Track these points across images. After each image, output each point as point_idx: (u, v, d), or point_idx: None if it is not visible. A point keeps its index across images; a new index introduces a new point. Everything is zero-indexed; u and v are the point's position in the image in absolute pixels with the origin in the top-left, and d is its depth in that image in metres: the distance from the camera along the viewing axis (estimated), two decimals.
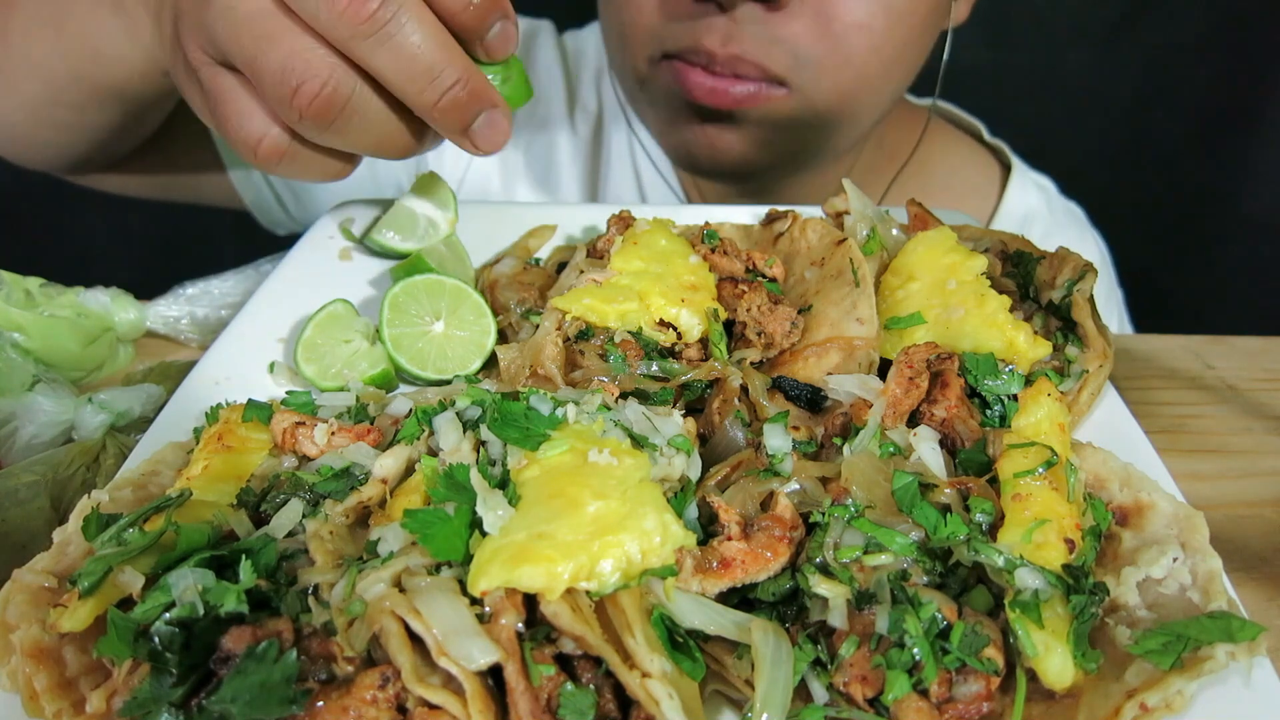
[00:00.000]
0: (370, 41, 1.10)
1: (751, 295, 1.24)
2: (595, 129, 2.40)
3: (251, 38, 1.12)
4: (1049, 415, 1.04)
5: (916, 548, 0.90)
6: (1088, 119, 3.82)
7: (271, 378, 1.31)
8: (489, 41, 1.20)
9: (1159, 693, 0.79)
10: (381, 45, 1.10)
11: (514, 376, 1.19)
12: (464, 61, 1.17)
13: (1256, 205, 3.82)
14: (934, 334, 1.18)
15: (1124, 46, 3.71)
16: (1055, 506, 0.91)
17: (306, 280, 1.49)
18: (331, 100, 1.13)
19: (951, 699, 0.81)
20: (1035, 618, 0.83)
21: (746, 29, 1.71)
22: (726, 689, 0.87)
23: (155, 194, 2.29)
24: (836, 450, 1.04)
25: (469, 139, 1.22)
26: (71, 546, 0.92)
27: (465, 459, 0.94)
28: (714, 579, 0.89)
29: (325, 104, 1.12)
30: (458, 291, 1.37)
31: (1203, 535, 0.92)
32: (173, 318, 1.57)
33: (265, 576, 0.85)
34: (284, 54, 1.10)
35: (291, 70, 1.10)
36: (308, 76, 1.11)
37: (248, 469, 1.02)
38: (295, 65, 1.11)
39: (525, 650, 0.79)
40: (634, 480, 0.90)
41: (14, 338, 1.38)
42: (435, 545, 0.84)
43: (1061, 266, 1.25)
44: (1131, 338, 1.66)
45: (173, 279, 1.61)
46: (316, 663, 0.79)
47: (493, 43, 1.21)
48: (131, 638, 0.78)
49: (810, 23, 1.71)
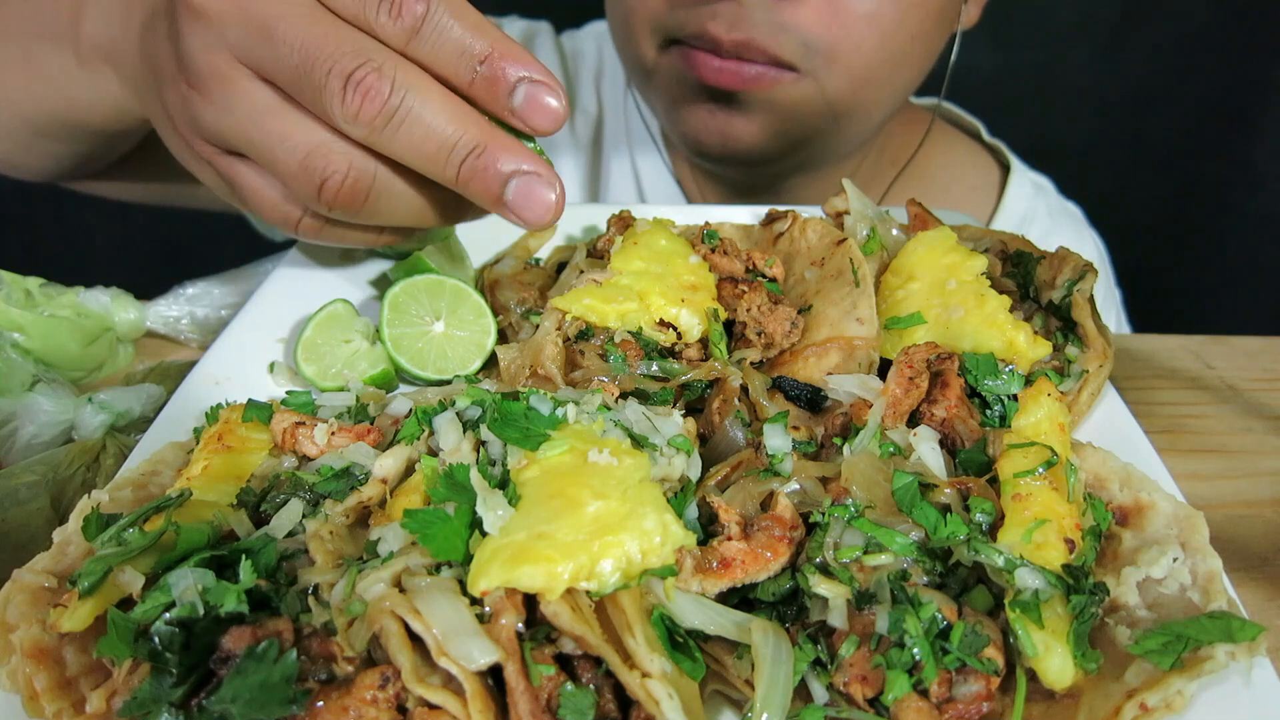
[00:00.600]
0: (385, 132, 1.07)
1: (751, 295, 1.24)
2: (595, 130, 2.40)
3: (262, 136, 1.10)
4: (1049, 415, 1.04)
5: (916, 548, 0.90)
6: (1088, 119, 3.82)
7: (271, 378, 1.31)
8: (517, 109, 1.11)
9: (1159, 693, 0.79)
10: (396, 133, 1.07)
11: (514, 376, 1.19)
12: (481, 129, 1.10)
13: (1256, 205, 3.82)
14: (934, 334, 1.19)
15: (1124, 46, 3.71)
16: (1055, 506, 0.91)
17: (306, 280, 1.49)
18: (356, 189, 1.12)
19: (951, 699, 0.81)
20: (1035, 618, 0.83)
21: (754, 15, 1.70)
22: (726, 689, 0.87)
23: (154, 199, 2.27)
24: (836, 450, 1.04)
25: (507, 209, 1.13)
26: (71, 546, 0.92)
27: (465, 459, 0.94)
28: (714, 579, 0.89)
29: (351, 194, 1.12)
30: (458, 291, 1.37)
31: (1203, 535, 0.92)
32: (173, 318, 1.57)
33: (265, 576, 0.85)
34: (301, 151, 1.09)
35: (312, 168, 1.09)
36: (329, 172, 1.10)
37: (248, 469, 1.02)
38: (315, 163, 1.09)
39: (525, 650, 0.79)
40: (634, 480, 0.90)
41: (14, 338, 1.38)
42: (435, 545, 0.84)
43: (1061, 266, 1.25)
44: (1131, 338, 1.66)
45: (173, 279, 1.61)
46: (316, 663, 0.79)
47: (521, 110, 1.11)
48: (131, 638, 0.78)
49: (819, 11, 1.71)
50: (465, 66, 1.09)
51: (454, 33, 1.08)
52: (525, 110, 1.11)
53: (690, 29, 1.78)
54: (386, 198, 1.15)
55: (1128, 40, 3.70)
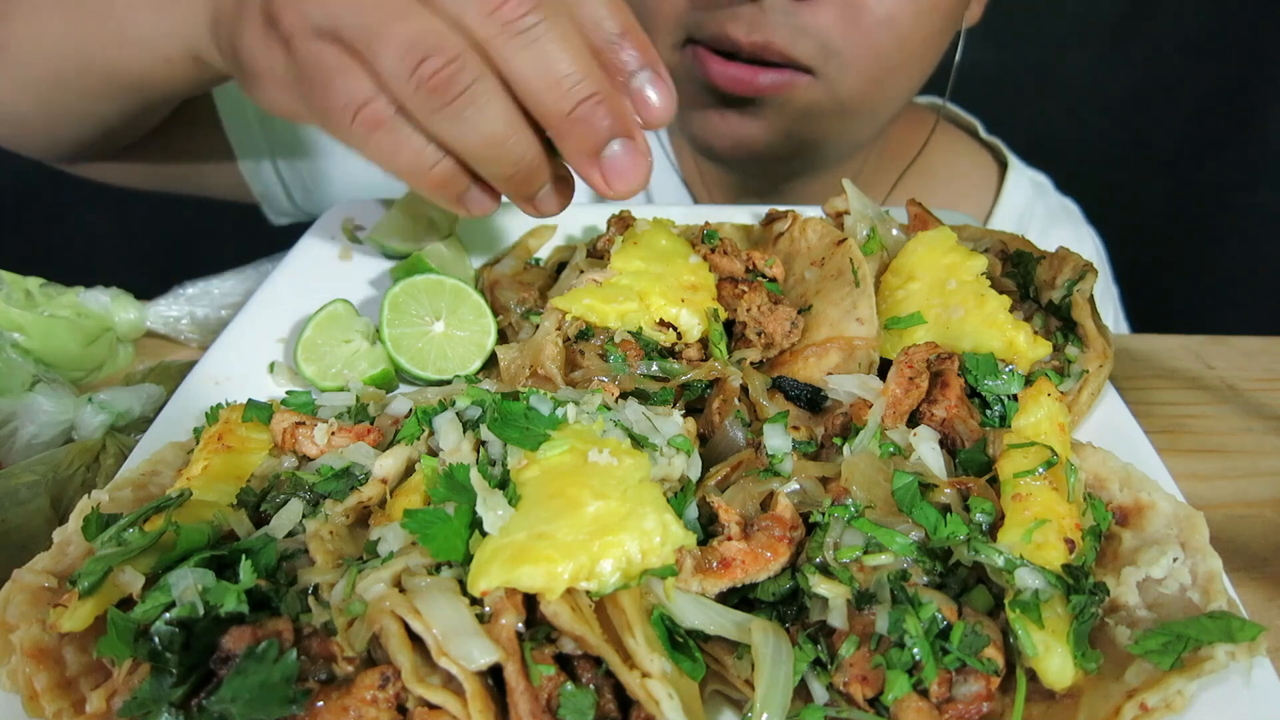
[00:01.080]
0: (514, 42, 1.02)
1: (751, 295, 1.24)
2: None
3: (378, 10, 1.03)
4: (1049, 415, 1.04)
5: (916, 548, 0.90)
6: (1088, 118, 3.82)
7: (271, 378, 1.31)
8: (634, 91, 1.09)
9: (1159, 693, 0.79)
10: (525, 48, 1.02)
11: (514, 376, 1.19)
12: (605, 82, 1.07)
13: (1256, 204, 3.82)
14: (934, 334, 1.19)
15: (1124, 46, 3.71)
16: (1055, 506, 0.91)
17: (306, 280, 1.49)
18: (455, 78, 1.03)
19: (951, 699, 0.81)
20: (1035, 618, 0.83)
21: (774, 18, 1.70)
22: (726, 689, 0.87)
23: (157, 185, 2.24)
24: (836, 450, 1.04)
25: (598, 166, 1.08)
26: (71, 546, 0.92)
27: (465, 459, 0.94)
28: (714, 579, 0.89)
29: (448, 80, 1.02)
30: (458, 291, 1.37)
31: (1203, 535, 0.92)
32: (173, 318, 1.57)
33: (265, 576, 0.85)
34: (416, 28, 1.02)
35: (421, 42, 1.02)
36: (436, 51, 1.02)
37: (248, 469, 1.02)
38: (428, 39, 1.02)
39: (525, 650, 0.79)
40: (634, 480, 0.90)
41: (14, 338, 1.38)
42: (435, 545, 0.84)
43: (1061, 266, 1.25)
44: (1131, 338, 1.66)
45: (173, 279, 1.61)
46: (316, 663, 0.79)
47: (637, 93, 1.09)
48: (131, 638, 0.78)
49: (838, 14, 1.71)
50: (603, 31, 1.07)
51: None
52: (640, 95, 1.09)
53: (709, 30, 1.77)
54: (475, 109, 1.05)
55: (1128, 39, 3.70)
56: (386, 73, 1.05)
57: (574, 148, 1.08)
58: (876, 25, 1.73)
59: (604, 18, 1.08)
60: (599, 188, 1.10)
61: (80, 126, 1.77)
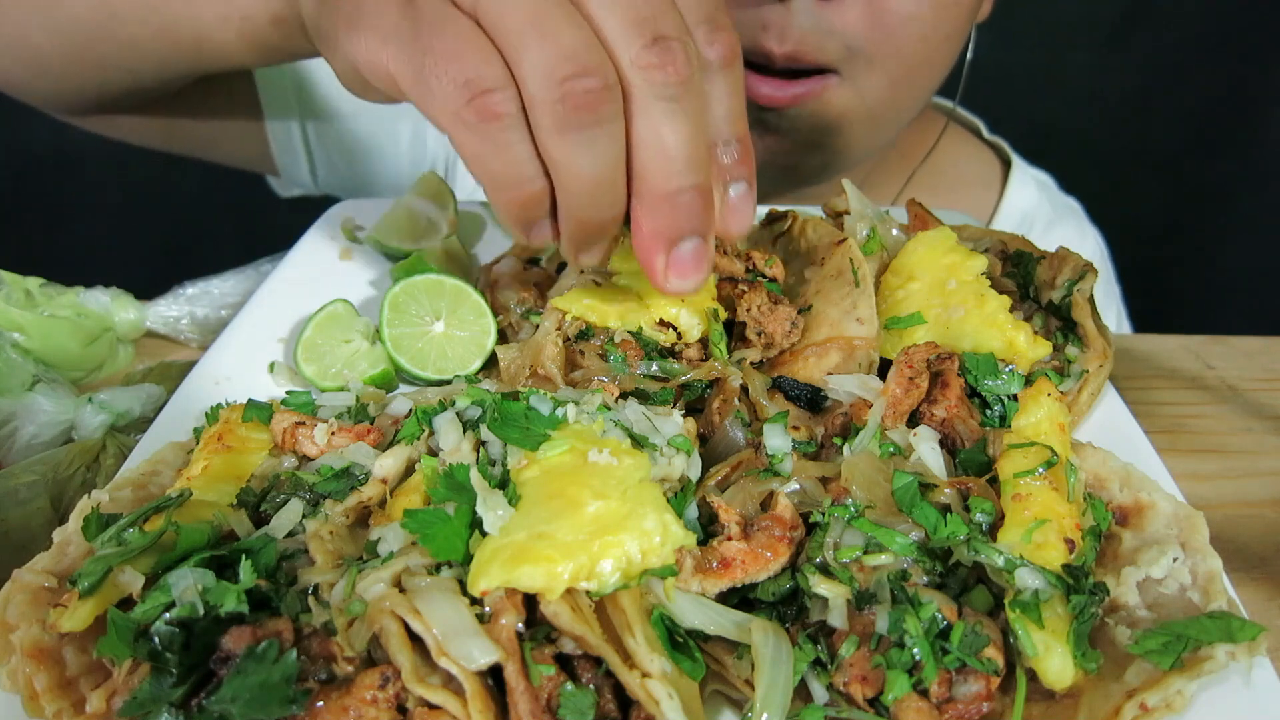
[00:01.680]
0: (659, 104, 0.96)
1: (751, 295, 1.24)
2: None
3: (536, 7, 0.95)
4: (1049, 415, 1.04)
5: (916, 548, 0.90)
6: (1088, 118, 3.82)
7: (271, 378, 1.31)
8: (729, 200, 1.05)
9: (1159, 693, 0.79)
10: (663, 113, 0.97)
11: (514, 376, 1.19)
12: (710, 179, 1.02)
13: (1257, 204, 3.82)
14: (934, 334, 1.19)
15: (1124, 46, 3.72)
16: (1055, 506, 0.91)
17: (306, 280, 1.49)
18: (599, 107, 0.95)
19: (951, 699, 0.81)
20: (1035, 618, 0.83)
21: (800, 20, 1.72)
22: (726, 689, 0.87)
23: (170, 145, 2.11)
24: (836, 450, 1.04)
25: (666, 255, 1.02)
26: (71, 546, 0.92)
27: (465, 459, 0.94)
28: (714, 579, 0.89)
29: (592, 105, 0.95)
30: (458, 291, 1.37)
31: (1203, 535, 0.92)
32: (173, 318, 1.57)
33: (265, 576, 0.85)
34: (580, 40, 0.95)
35: (581, 56, 0.94)
36: (593, 72, 0.94)
37: (248, 469, 1.02)
38: (589, 56, 0.95)
39: (525, 650, 0.79)
40: (634, 480, 0.90)
41: (14, 338, 1.38)
42: (435, 545, 0.84)
43: (1061, 266, 1.25)
44: (1131, 338, 1.66)
45: (173, 279, 1.61)
46: (316, 663, 0.79)
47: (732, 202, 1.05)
48: (131, 638, 0.78)
49: (862, 13, 1.73)
50: (723, 129, 1.03)
51: (735, 99, 1.04)
52: (732, 204, 1.06)
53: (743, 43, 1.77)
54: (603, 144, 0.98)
55: (1128, 39, 3.70)
56: (531, 71, 0.95)
57: (653, 227, 1.01)
58: (900, 23, 1.75)
59: (733, 118, 1.04)
60: (654, 274, 1.04)
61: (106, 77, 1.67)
